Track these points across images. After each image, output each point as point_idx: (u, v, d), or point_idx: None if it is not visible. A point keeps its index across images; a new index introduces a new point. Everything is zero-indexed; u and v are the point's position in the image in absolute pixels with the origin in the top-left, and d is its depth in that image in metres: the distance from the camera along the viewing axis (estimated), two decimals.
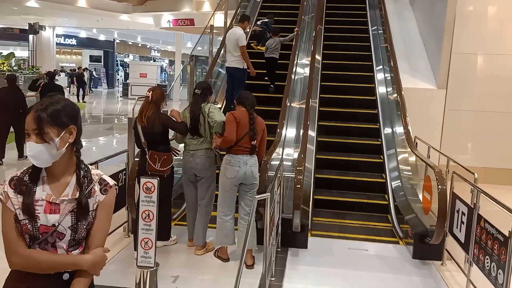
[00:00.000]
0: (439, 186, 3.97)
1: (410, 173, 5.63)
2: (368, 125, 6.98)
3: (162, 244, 4.40)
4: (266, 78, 7.57)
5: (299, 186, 4.22)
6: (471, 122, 7.46)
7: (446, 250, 4.23)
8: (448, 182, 4.17)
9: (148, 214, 3.04)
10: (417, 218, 4.68)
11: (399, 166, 5.91)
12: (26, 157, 9.00)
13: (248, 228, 2.87)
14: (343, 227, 5.22)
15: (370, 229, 5.20)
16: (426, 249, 4.34)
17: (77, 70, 21.40)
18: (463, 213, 3.81)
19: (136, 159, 4.42)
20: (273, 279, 3.79)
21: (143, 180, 3.04)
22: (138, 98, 5.10)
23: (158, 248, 4.26)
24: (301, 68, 7.75)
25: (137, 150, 4.42)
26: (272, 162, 4.98)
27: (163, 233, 4.38)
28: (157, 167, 4.08)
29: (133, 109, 5.05)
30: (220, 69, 8.14)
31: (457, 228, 3.95)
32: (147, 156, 4.09)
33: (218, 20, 11.29)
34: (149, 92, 4.17)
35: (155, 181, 3.03)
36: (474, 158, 7.31)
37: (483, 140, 7.44)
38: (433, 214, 4.36)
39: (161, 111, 4.22)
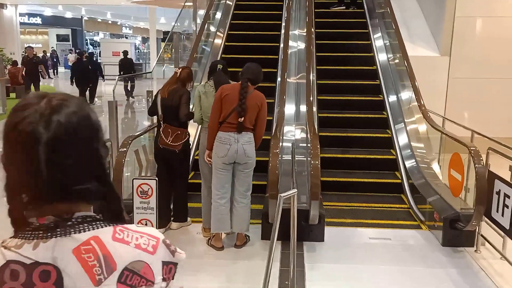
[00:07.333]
0: (477, 166, 3.48)
1: (424, 150, 5.16)
2: (371, 98, 6.44)
3: (178, 226, 4.23)
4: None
5: (316, 172, 3.66)
6: (478, 90, 6.99)
7: (482, 235, 3.79)
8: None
9: (146, 224, 2.44)
10: (443, 200, 4.22)
11: (411, 141, 5.42)
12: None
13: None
14: (355, 211, 4.73)
15: (385, 212, 4.73)
16: (457, 235, 3.89)
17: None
18: (506, 195, 3.35)
19: (122, 149, 3.81)
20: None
21: (137, 182, 2.42)
22: (119, 78, 4.43)
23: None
24: (294, 41, 7.10)
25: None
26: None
27: (180, 215, 4.25)
28: (169, 141, 3.97)
29: (113, 90, 4.37)
30: (204, 46, 7.40)
31: (497, 212, 3.49)
32: (161, 129, 4.00)
33: None
34: (178, 69, 4.20)
35: (152, 183, 2.42)
36: (482, 130, 6.87)
37: (491, 109, 7.01)
38: (463, 196, 3.91)
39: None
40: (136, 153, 4.25)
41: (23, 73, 12.32)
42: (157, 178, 2.48)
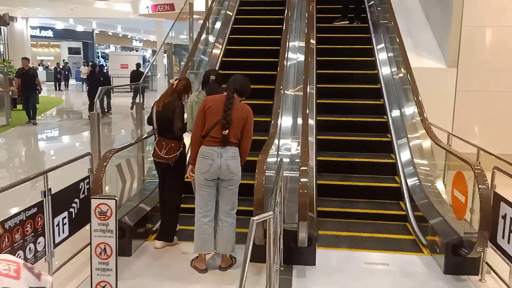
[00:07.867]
0: (481, 187, 3.17)
1: (428, 168, 4.83)
2: (374, 119, 6.00)
3: (163, 245, 4.00)
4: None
5: (305, 191, 3.39)
6: (487, 103, 6.65)
7: (487, 263, 3.46)
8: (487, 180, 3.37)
9: (105, 248, 2.20)
10: (446, 223, 3.89)
11: (415, 162, 5.02)
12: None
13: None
14: (354, 239, 4.33)
15: (387, 240, 4.32)
16: (460, 262, 3.57)
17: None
18: None
19: (101, 164, 3.59)
20: None
21: (95, 201, 2.19)
22: (101, 89, 4.29)
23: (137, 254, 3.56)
24: (293, 53, 6.85)
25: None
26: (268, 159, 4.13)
27: (167, 233, 4.03)
28: (162, 154, 3.89)
29: (96, 101, 4.20)
30: (202, 56, 7.22)
31: (503, 238, 3.17)
32: (155, 142, 3.97)
33: (198, 4, 10.29)
34: (175, 80, 4.08)
35: (111, 203, 2.18)
36: (492, 145, 6.54)
37: (501, 123, 6.66)
38: (467, 218, 3.59)
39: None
40: (119, 168, 4.04)
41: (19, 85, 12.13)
42: (116, 198, 2.24)
